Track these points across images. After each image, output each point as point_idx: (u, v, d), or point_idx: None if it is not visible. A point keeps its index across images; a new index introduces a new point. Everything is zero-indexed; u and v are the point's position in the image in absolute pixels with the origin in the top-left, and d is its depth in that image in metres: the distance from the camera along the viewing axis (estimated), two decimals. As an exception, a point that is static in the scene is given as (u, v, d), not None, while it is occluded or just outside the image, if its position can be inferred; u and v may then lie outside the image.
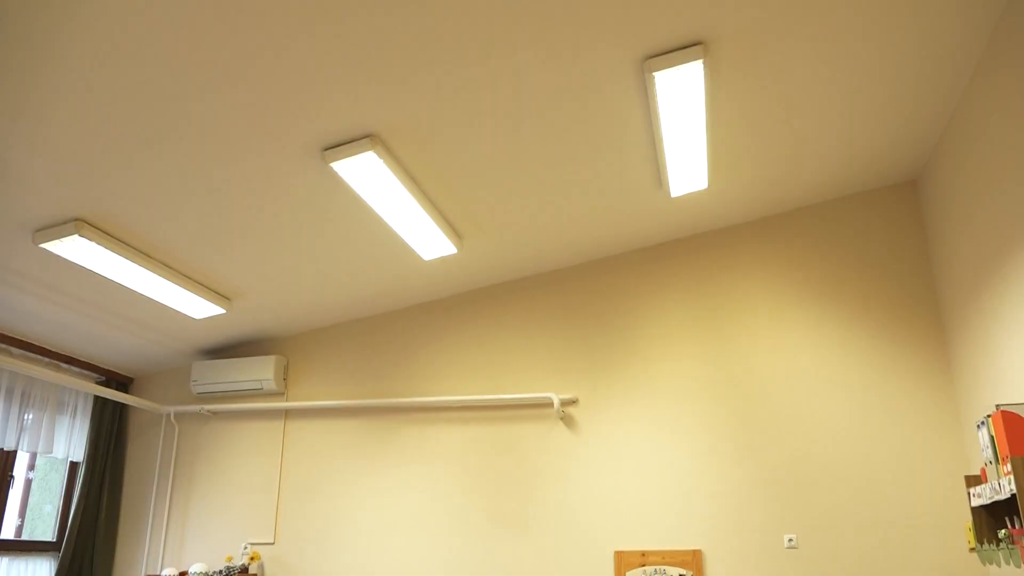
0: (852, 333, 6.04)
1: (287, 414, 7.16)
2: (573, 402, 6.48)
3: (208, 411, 7.24)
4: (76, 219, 4.97)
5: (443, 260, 6.23)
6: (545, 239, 6.23)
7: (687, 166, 5.21)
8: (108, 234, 5.18)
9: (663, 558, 5.97)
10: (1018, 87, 4.18)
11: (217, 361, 7.21)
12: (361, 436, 6.90)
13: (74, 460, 7.14)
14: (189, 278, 5.93)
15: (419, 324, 7.07)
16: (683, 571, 5.93)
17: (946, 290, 5.75)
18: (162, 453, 7.33)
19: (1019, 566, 4.19)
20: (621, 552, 6.03)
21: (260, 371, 7.04)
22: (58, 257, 5.28)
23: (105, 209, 4.91)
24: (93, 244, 5.09)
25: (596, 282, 6.73)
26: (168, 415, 7.37)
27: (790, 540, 5.75)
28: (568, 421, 6.44)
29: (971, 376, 5.42)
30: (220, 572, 6.49)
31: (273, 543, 6.80)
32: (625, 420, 6.31)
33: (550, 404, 6.44)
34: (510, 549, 6.25)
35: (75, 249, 5.14)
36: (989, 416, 4.29)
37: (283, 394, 7.21)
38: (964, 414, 5.58)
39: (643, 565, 6.00)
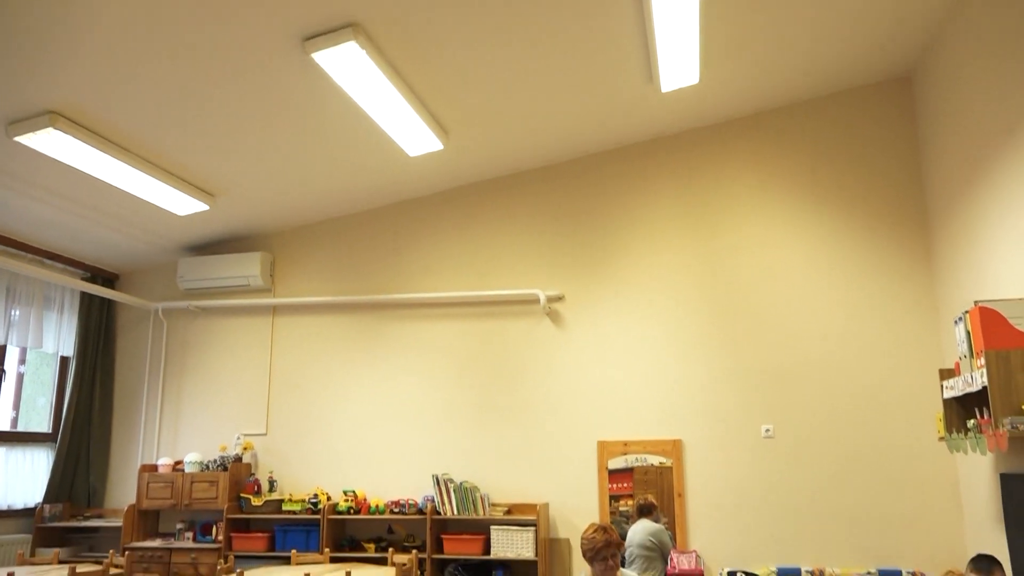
0: (838, 230, 6.07)
1: (275, 310, 7.20)
2: (559, 298, 6.54)
3: (196, 307, 7.27)
4: (50, 112, 4.83)
5: (429, 156, 6.14)
6: (533, 135, 6.13)
7: (678, 59, 5.08)
8: (84, 127, 5.05)
9: (644, 447, 6.19)
10: (1021, -23, 4.05)
11: (203, 257, 7.18)
12: (349, 331, 6.98)
13: (64, 355, 7.21)
14: (170, 173, 5.83)
15: (406, 221, 7.04)
16: (663, 459, 6.16)
17: (933, 189, 5.75)
18: (152, 348, 7.40)
19: (984, 453, 4.38)
20: (604, 441, 6.24)
21: (246, 267, 7.03)
22: (34, 151, 5.16)
23: (80, 102, 4.77)
24: (69, 137, 4.97)
25: (584, 179, 6.67)
26: (156, 311, 7.40)
27: (767, 430, 5.96)
28: (554, 317, 6.53)
29: (952, 273, 5.50)
30: (215, 461, 6.68)
31: (265, 434, 6.97)
32: (610, 316, 6.40)
33: (537, 300, 6.51)
34: (497, 440, 6.45)
35: (50, 142, 5.01)
36: (967, 312, 4.38)
37: (270, 290, 7.23)
38: (942, 310, 5.69)
39: (625, 454, 6.22)
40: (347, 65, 4.55)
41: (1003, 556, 4.52)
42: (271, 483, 6.72)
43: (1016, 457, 4.50)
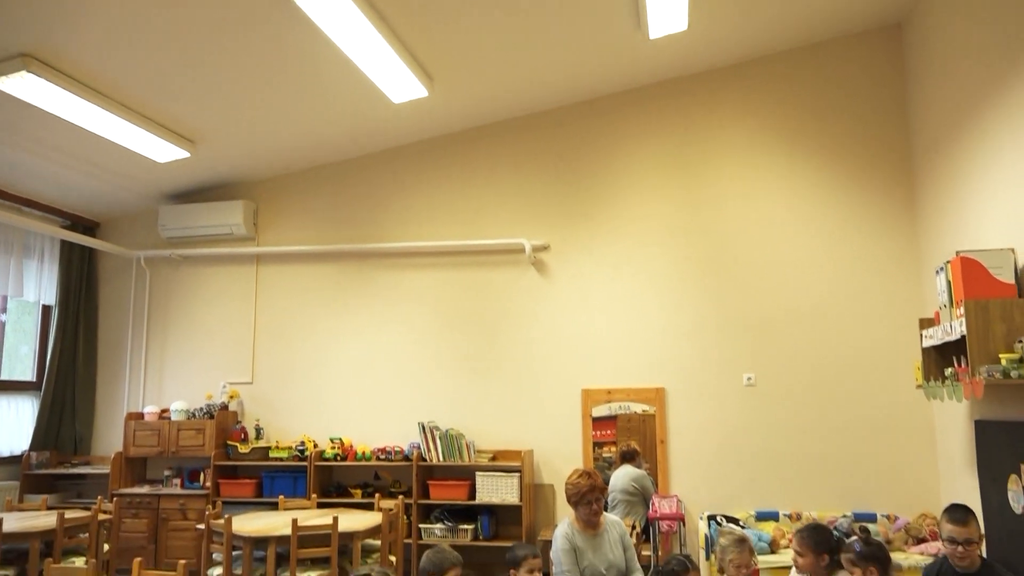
0: (823, 180, 6.07)
1: (259, 259, 7.15)
2: (545, 248, 6.54)
3: (178, 256, 7.21)
4: (24, 55, 4.69)
5: (414, 103, 6.04)
6: (518, 82, 6.04)
7: (667, 5, 4.99)
8: (59, 71, 4.92)
9: (628, 395, 6.27)
10: (1015, -78, 3.99)
11: (185, 206, 7.09)
12: (335, 280, 6.95)
13: (46, 303, 7.15)
14: (148, 119, 5.71)
15: (391, 169, 6.96)
16: (646, 407, 6.24)
17: (919, 139, 5.75)
18: (135, 297, 7.36)
19: (960, 400, 4.47)
20: (588, 389, 6.31)
21: (229, 216, 6.96)
22: (8, 95, 5.03)
23: (55, 44, 4.63)
24: (43, 81, 4.84)
25: (571, 127, 6.61)
26: (138, 259, 7.33)
27: (749, 379, 6.04)
28: (539, 266, 6.53)
29: (935, 224, 5.53)
30: (201, 410, 6.70)
31: (251, 382, 6.99)
32: (595, 265, 6.41)
33: (522, 250, 6.50)
34: (482, 388, 6.50)
35: (24, 87, 4.89)
36: (948, 262, 4.42)
37: (254, 239, 7.17)
38: (924, 260, 5.74)
39: (608, 402, 6.30)
40: (330, 8, 4.44)
41: (974, 500, 4.65)
42: (257, 431, 6.77)
43: (991, 404, 4.59)
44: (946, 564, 3.38)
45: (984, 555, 3.36)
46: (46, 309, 7.24)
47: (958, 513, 3.36)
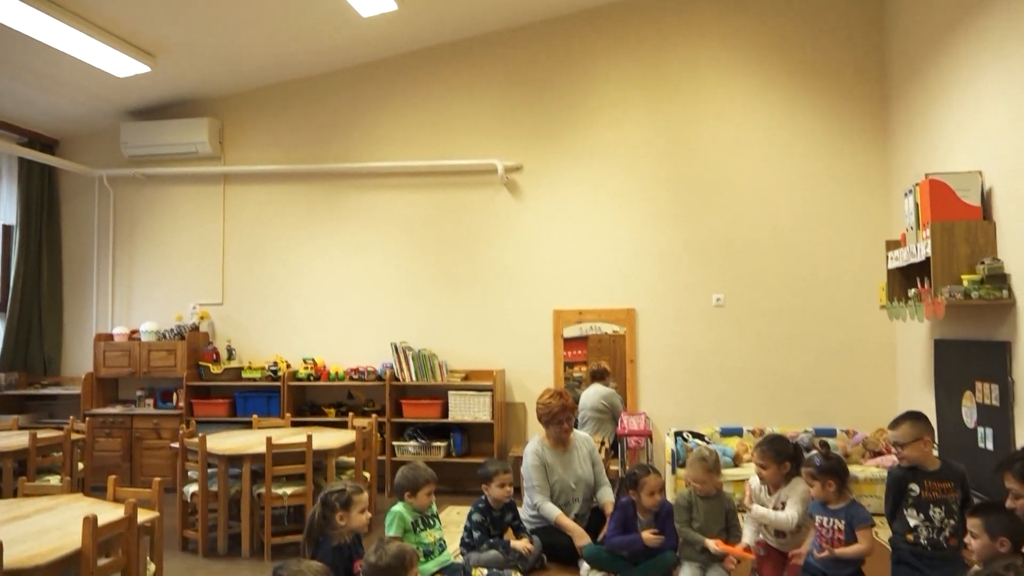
0: (797, 102, 6.04)
1: (226, 178, 7.00)
2: (517, 168, 6.47)
3: (142, 175, 7.03)
4: (-33, -42, 4.44)
5: (383, 17, 5.83)
6: (491, -5, 5.86)
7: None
8: (7, -23, 4.66)
9: (599, 316, 6.34)
10: None
11: (147, 123, 6.88)
12: (304, 201, 6.85)
13: (7, 223, 6.97)
14: (105, 31, 5.46)
15: (360, 86, 6.78)
16: (617, 327, 6.33)
17: (894, 63, 5.71)
18: (99, 217, 7.19)
19: (921, 320, 4.59)
20: (560, 310, 6.36)
21: (193, 133, 6.77)
22: (-46, 2, 4.77)
23: (-1, -54, 4.38)
24: (-8, -12, 4.59)
25: (543, 44, 6.46)
26: (101, 178, 7.14)
27: (718, 299, 6.13)
28: (512, 187, 6.48)
29: (906, 146, 5.55)
30: (171, 331, 6.67)
31: (222, 303, 6.94)
32: (567, 186, 6.38)
33: (494, 170, 6.43)
34: (454, 309, 6.53)
35: (-28, -7, 4.63)
36: (917, 184, 4.46)
37: (220, 158, 7.00)
38: (894, 183, 5.79)
39: (580, 322, 6.37)
40: (292, -88, 4.23)
41: (930, 416, 4.81)
42: (229, 351, 6.76)
43: (950, 324, 4.72)
44: (907, 468, 3.54)
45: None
46: (7, 229, 7.06)
47: (896, 419, 3.52)
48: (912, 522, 3.46)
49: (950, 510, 3.41)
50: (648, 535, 3.76)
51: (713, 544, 3.64)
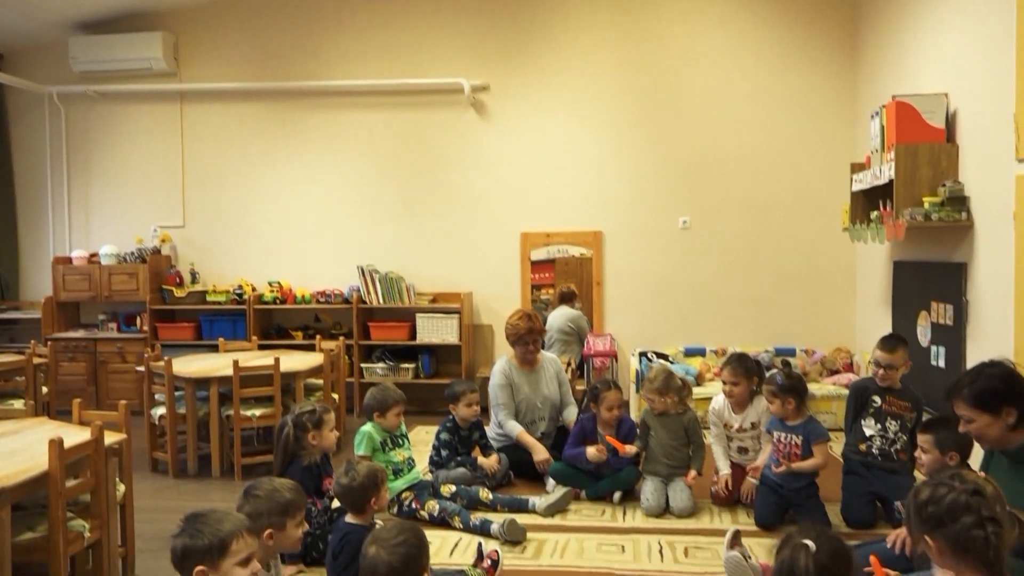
0: (765, 21, 5.96)
1: (183, 96, 6.75)
2: (484, 88, 6.34)
3: (94, 92, 6.74)
4: None
5: (343, -76, 5.58)
6: (456, -97, 5.61)
7: None
8: None
9: (566, 238, 6.34)
10: None
11: (97, 36, 6.56)
12: (266, 121, 6.65)
13: (-47, 143, 6.70)
14: (47, -65, 5.16)
15: (321, 0, 6.53)
16: (584, 250, 6.35)
17: (866, -23, 5.63)
18: (51, 136, 6.92)
19: (882, 242, 4.66)
20: (527, 233, 6.35)
21: (146, 48, 6.48)
22: None
23: None
24: None
25: (511, -43, 6.25)
26: (50, 95, 6.84)
27: (684, 222, 6.16)
28: (479, 107, 6.36)
29: (873, 69, 5.53)
30: (132, 254, 6.54)
31: (183, 226, 6.80)
32: (535, 107, 6.28)
33: (461, 90, 6.28)
34: (421, 231, 6.48)
35: None
36: (884, 106, 4.46)
37: (176, 75, 6.73)
38: (861, 105, 5.79)
39: (547, 245, 6.37)
40: None
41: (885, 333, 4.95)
42: (193, 275, 6.67)
43: (910, 246, 4.81)
44: (873, 381, 3.67)
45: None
46: (-47, 148, 6.80)
47: (889, 342, 3.63)
48: (868, 432, 3.62)
49: (904, 426, 3.57)
50: (592, 450, 3.89)
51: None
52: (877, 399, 3.62)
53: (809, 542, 1.71)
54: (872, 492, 3.56)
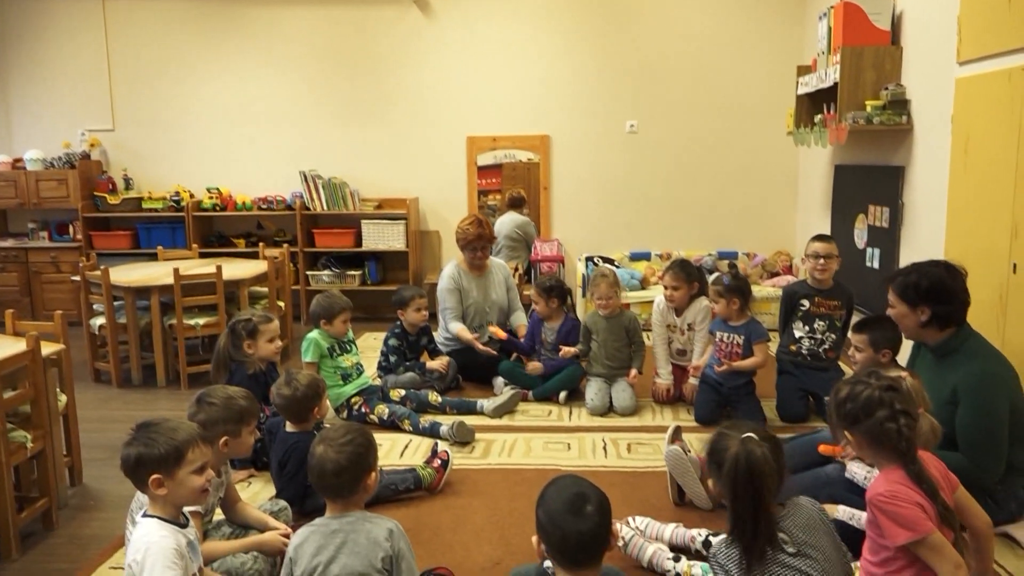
0: (719, -84, 5.80)
1: (104, -11, 6.33)
2: (427, -16, 6.09)
3: (6, -17, 6.27)
4: None
5: None
6: None
7: None
8: None
9: (513, 143, 6.26)
10: None
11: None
12: (199, 18, 6.27)
13: None
14: None
15: None
16: (531, 155, 6.28)
17: None
18: (-39, 32, 6.45)
19: (825, 146, 4.72)
20: (473, 137, 6.24)
21: (61, -65, 6.02)
22: None
23: None
24: None
25: None
26: (-43, -13, 6.34)
27: (631, 126, 6.12)
28: (423, 6, 6.11)
29: (823, -33, 5.45)
30: (59, 159, 6.23)
31: (113, 129, 6.48)
32: (482, 7, 6.06)
33: (403, -15, 6.02)
34: (365, 136, 6.30)
35: None
36: (831, 8, 4.43)
37: (95, -35, 6.28)
38: (809, 6, 5.73)
39: (494, 149, 6.28)
40: None
41: (825, 238, 5.08)
42: (126, 181, 6.42)
43: (851, 149, 4.88)
44: (804, 284, 3.79)
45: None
46: None
47: (824, 236, 3.75)
48: (798, 334, 3.76)
49: (833, 325, 3.72)
50: (532, 365, 4.12)
51: None
52: (805, 302, 3.75)
53: (752, 434, 1.77)
54: (803, 389, 3.73)
